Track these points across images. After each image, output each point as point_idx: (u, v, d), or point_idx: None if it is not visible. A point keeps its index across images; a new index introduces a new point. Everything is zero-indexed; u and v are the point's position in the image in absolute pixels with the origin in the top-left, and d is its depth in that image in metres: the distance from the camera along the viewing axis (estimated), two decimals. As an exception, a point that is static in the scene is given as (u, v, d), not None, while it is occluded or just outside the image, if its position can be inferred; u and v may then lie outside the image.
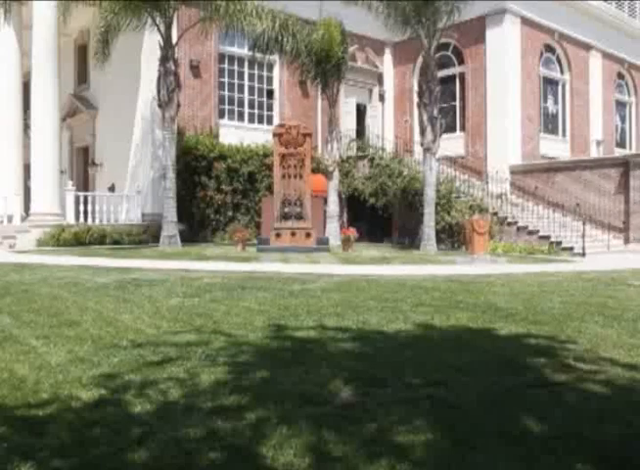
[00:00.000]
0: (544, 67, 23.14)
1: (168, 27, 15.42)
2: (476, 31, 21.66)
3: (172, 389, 3.55)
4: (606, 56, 25.37)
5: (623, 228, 18.18)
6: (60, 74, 17.32)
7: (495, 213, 18.19)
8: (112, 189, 19.44)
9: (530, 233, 17.56)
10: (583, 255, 15.64)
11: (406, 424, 3.03)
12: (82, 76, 22.26)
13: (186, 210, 17.48)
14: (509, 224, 18.03)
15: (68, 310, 6.14)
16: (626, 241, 18.14)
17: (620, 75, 27.15)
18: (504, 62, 21.24)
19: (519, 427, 3.07)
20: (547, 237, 17.09)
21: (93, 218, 17.01)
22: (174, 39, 15.89)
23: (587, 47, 24.46)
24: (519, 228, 17.84)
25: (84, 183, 21.47)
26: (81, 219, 16.81)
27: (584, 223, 16.28)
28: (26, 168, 18.17)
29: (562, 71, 23.97)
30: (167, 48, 15.45)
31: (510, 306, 6.63)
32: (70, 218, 16.61)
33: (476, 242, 14.16)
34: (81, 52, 22.11)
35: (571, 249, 16.31)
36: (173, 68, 15.52)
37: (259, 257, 13.05)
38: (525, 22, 21.75)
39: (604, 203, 18.43)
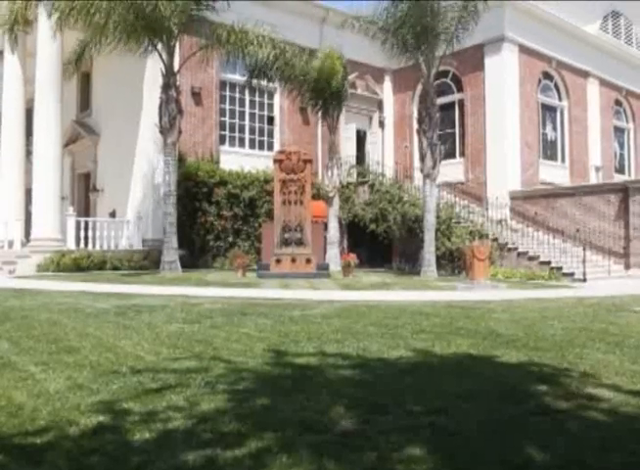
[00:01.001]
0: (542, 94, 23.35)
1: (170, 55, 15.60)
2: (474, 59, 21.90)
3: (172, 416, 3.53)
4: (603, 83, 25.62)
5: (624, 254, 18.17)
6: (62, 101, 17.47)
7: (495, 239, 18.19)
8: (112, 215, 19.48)
9: (531, 259, 17.55)
10: (584, 280, 15.60)
11: (407, 452, 3.01)
12: (85, 103, 22.48)
13: (186, 235, 17.50)
14: (509, 250, 18.02)
15: (68, 337, 6.11)
16: (627, 266, 18.12)
17: (618, 102, 27.38)
18: (503, 89, 21.44)
19: (521, 455, 3.04)
20: (548, 263, 17.07)
21: (94, 244, 17.03)
22: (176, 67, 16.06)
23: (585, 74, 24.71)
24: (519, 254, 17.83)
25: (85, 209, 21.53)
26: (82, 245, 16.82)
27: (585, 249, 16.28)
28: (28, 194, 18.26)
29: (560, 98, 24.18)
30: (169, 75, 15.61)
31: (511, 333, 6.60)
32: (71, 244, 16.63)
33: (476, 268, 14.11)
34: (84, 79, 22.33)
35: (572, 274, 16.28)
36: (175, 95, 15.66)
37: (260, 282, 13.03)
38: (523, 49, 22.00)
39: (604, 228, 18.45)
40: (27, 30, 18.73)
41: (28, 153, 19.14)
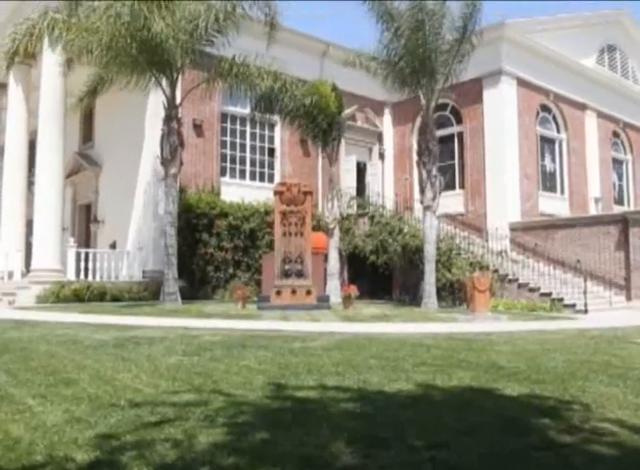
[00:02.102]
0: (541, 126, 23.57)
1: (173, 88, 15.78)
2: (473, 92, 22.16)
3: (170, 450, 3.48)
4: (601, 115, 25.88)
5: (625, 285, 18.14)
6: (65, 133, 17.64)
7: (496, 271, 18.16)
8: (113, 246, 19.50)
9: (532, 290, 17.50)
10: (585, 312, 15.54)
11: (409, 488, 2.96)
12: (87, 135, 22.70)
13: (187, 266, 17.49)
14: (510, 281, 17.98)
15: (66, 369, 6.07)
16: (628, 298, 18.06)
17: (616, 134, 27.62)
18: (501, 121, 21.65)
19: (524, 491, 2.99)
20: (548, 294, 17.01)
21: (94, 275, 17.01)
22: (178, 99, 16.24)
23: (582, 107, 24.98)
24: (520, 285, 17.79)
25: (86, 240, 21.56)
26: (82, 276, 16.81)
27: (585, 280, 16.25)
28: (29, 224, 18.31)
29: (558, 130, 24.40)
30: (171, 108, 15.76)
31: (512, 365, 6.55)
32: (71, 275, 16.61)
33: (477, 299, 14.07)
34: (87, 111, 22.57)
35: (573, 306, 16.21)
36: (177, 127, 15.80)
37: (260, 314, 12.97)
38: (521, 82, 22.28)
39: (604, 259, 18.44)
40: (32, 64, 19.03)
41: (30, 184, 19.27)
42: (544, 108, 23.76)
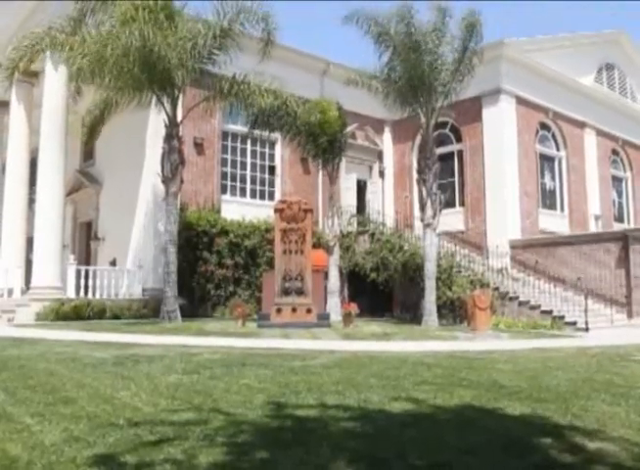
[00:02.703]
0: (540, 144, 23.67)
1: (174, 107, 15.88)
2: (472, 110, 22.28)
3: (169, 470, 3.45)
4: (600, 133, 26.00)
5: (626, 302, 18.09)
6: (66, 151, 17.70)
7: (496, 288, 18.13)
8: (113, 263, 19.48)
9: (532, 308, 17.46)
10: (587, 329, 15.48)
11: (410, 509, 2.93)
12: (88, 153, 22.77)
13: (187, 284, 17.46)
14: (510, 299, 17.94)
15: (65, 387, 6.03)
16: (630, 315, 18.01)
17: (615, 152, 27.73)
18: (501, 139, 21.74)
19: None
20: (549, 312, 16.96)
21: (94, 293, 16.98)
22: (179, 118, 16.33)
23: (581, 125, 25.10)
24: (520, 303, 17.75)
25: (86, 257, 21.55)
26: (82, 293, 16.76)
27: (586, 298, 16.21)
28: (29, 242, 18.31)
29: (558, 148, 24.50)
30: (172, 126, 15.85)
31: (514, 384, 6.51)
32: (71, 292, 16.57)
33: (477, 317, 14.04)
34: (88, 130, 22.63)
35: (575, 323, 16.16)
36: (177, 145, 15.88)
37: (260, 332, 12.92)
38: (520, 101, 22.42)
39: (605, 277, 18.41)
40: (34, 83, 19.17)
41: (31, 201, 19.30)
42: (543, 126, 23.88)
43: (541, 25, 63.35)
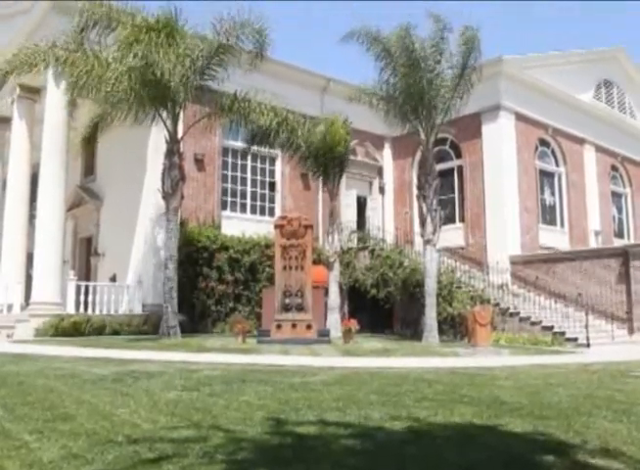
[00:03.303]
0: (540, 160, 23.75)
1: (175, 123, 15.95)
2: (472, 127, 22.37)
3: (168, 488, 3.42)
4: (599, 149, 26.09)
5: (627, 318, 18.05)
6: (67, 167, 17.74)
7: (497, 304, 18.10)
8: (113, 279, 19.46)
9: (533, 324, 17.41)
10: (588, 345, 15.43)
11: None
12: (89, 168, 22.85)
13: (187, 300, 17.43)
14: (511, 315, 17.90)
15: (64, 404, 6.00)
16: (631, 331, 17.96)
17: (614, 168, 27.82)
18: (500, 155, 21.82)
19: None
20: (550, 328, 16.92)
21: (93, 308, 16.94)
22: (180, 134, 16.40)
23: (581, 141, 25.20)
24: (521, 319, 17.70)
25: (86, 273, 21.52)
26: (82, 309, 16.73)
27: (587, 314, 16.18)
28: (29, 257, 18.30)
29: (557, 164, 24.58)
30: (173, 142, 15.91)
31: (515, 400, 6.47)
32: (71, 308, 16.54)
33: (478, 333, 14.01)
34: (89, 145, 22.74)
35: (576, 339, 16.11)
36: (178, 161, 15.92)
37: (260, 348, 12.88)
38: (520, 117, 22.53)
39: (605, 293, 18.38)
40: (36, 99, 19.27)
41: (32, 217, 19.32)
42: (543, 142, 23.97)
43: (540, 42, 63.82)
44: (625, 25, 60.99)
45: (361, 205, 25.03)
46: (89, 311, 16.79)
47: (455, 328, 17.82)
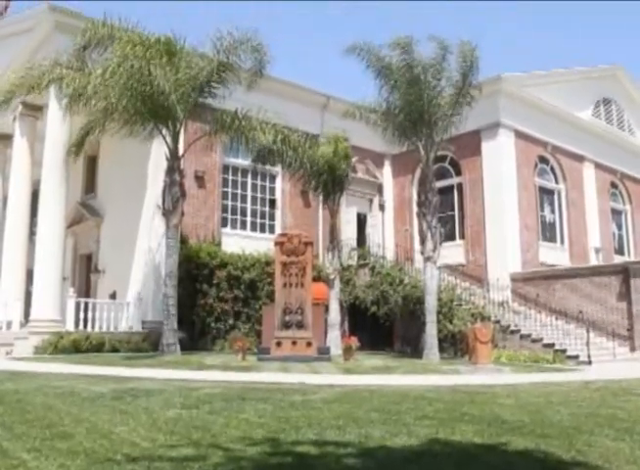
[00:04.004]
0: (539, 177, 23.81)
1: (175, 140, 16.02)
2: (472, 144, 22.47)
3: (166, 508, 3.39)
4: (599, 166, 26.18)
5: (628, 336, 17.98)
6: (68, 183, 17.79)
7: (498, 321, 18.05)
8: (113, 296, 19.42)
9: (534, 341, 17.35)
10: (589, 363, 15.37)
11: None
12: (90, 185, 22.90)
13: (186, 317, 17.38)
14: (512, 332, 17.85)
15: (62, 422, 5.96)
16: (632, 349, 17.89)
17: (614, 185, 27.89)
18: (500, 173, 21.88)
19: None
20: (551, 345, 16.86)
21: (93, 326, 16.89)
22: (180, 151, 16.46)
23: (580, 158, 25.29)
24: (522, 336, 17.64)
25: (86, 290, 21.49)
26: (81, 326, 16.68)
27: (588, 331, 16.14)
28: (29, 274, 18.28)
29: (557, 181, 24.64)
30: (173, 160, 15.96)
31: (516, 419, 6.43)
32: (70, 325, 16.49)
33: (479, 351, 13.94)
34: (90, 162, 22.85)
35: (577, 357, 16.05)
36: (179, 178, 15.96)
37: (260, 366, 12.82)
38: (519, 135, 22.63)
39: (606, 310, 18.35)
40: (37, 116, 19.37)
41: (32, 233, 19.33)
42: (542, 159, 24.06)
43: (538, 59, 64.33)
44: (625, 42, 61.50)
45: (361, 222, 25.06)
46: (88, 328, 16.75)
47: (456, 345, 17.75)
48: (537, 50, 63.29)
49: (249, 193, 21.66)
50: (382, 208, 25.62)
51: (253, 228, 21.59)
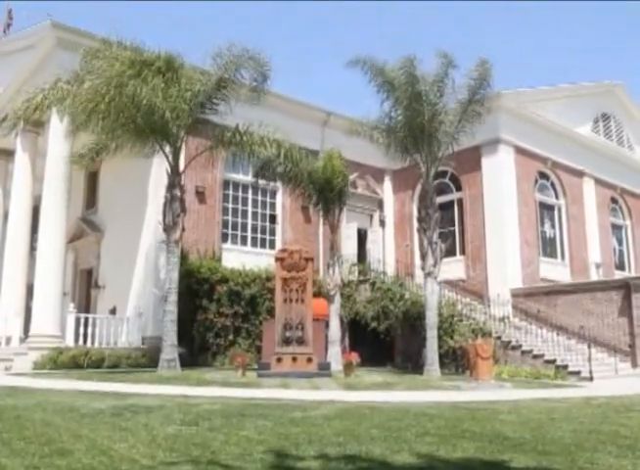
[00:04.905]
0: (539, 192, 23.85)
1: (176, 156, 16.08)
2: (472, 160, 22.52)
3: (166, 526, 3.36)
4: (598, 182, 26.23)
5: (630, 351, 17.90)
6: (69, 199, 17.82)
7: (499, 337, 17.98)
8: (113, 311, 19.38)
9: (536, 357, 17.27)
10: (591, 379, 15.30)
11: None
12: (91, 201, 22.95)
13: (186, 333, 17.33)
14: (513, 348, 17.77)
15: (61, 438, 5.93)
16: (634, 364, 17.81)
17: (614, 200, 27.92)
18: (500, 188, 21.92)
19: None
20: (553, 361, 16.78)
21: (92, 341, 16.84)
22: (181, 167, 16.51)
23: (580, 174, 25.34)
24: (523, 352, 17.56)
25: (86, 305, 21.45)
26: (81, 341, 16.64)
27: (590, 347, 16.07)
28: (29, 289, 18.26)
29: (557, 197, 24.68)
30: (174, 175, 16.01)
31: (518, 435, 6.40)
32: (70, 341, 16.44)
33: (480, 367, 13.89)
34: (91, 178, 22.91)
35: (578, 373, 15.97)
36: (179, 194, 15.99)
37: (260, 382, 12.76)
38: (519, 150, 22.70)
39: (607, 325, 18.29)
40: (39, 132, 19.46)
41: (32, 248, 19.34)
42: (542, 175, 24.11)
43: (537, 75, 64.73)
44: (624, 58, 61.91)
45: (362, 237, 25.06)
46: (88, 344, 16.70)
47: (457, 361, 17.68)
48: (536, 66, 63.71)
49: (249, 208, 21.69)
50: (382, 223, 25.64)
51: (254, 244, 21.59)
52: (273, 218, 22.29)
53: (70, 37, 17.22)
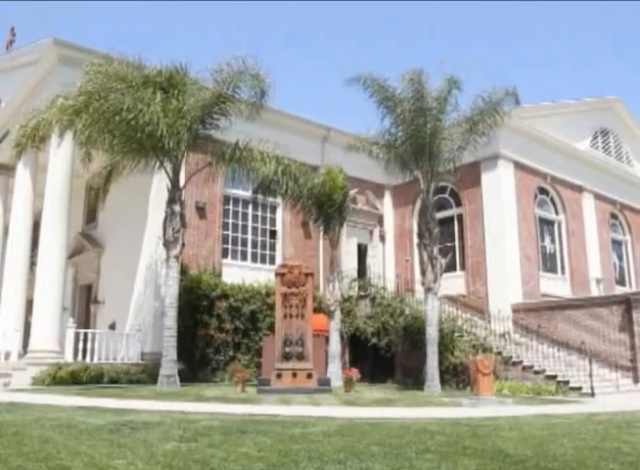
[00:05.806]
0: (539, 208, 23.89)
1: (176, 172, 16.12)
2: (471, 175, 22.58)
3: None
4: (598, 197, 26.28)
5: (632, 367, 17.83)
6: (69, 214, 17.83)
7: (499, 353, 17.91)
8: (112, 327, 19.34)
9: (537, 373, 17.19)
10: (592, 395, 15.22)
11: None
12: (91, 216, 23.00)
13: (186, 348, 17.27)
14: (514, 364, 17.70)
15: (59, 455, 5.89)
16: (636, 380, 17.73)
17: (614, 215, 27.96)
18: (500, 204, 21.95)
19: None
20: (554, 377, 16.70)
21: (92, 356, 16.77)
22: (182, 182, 16.54)
23: (579, 189, 25.40)
24: (524, 368, 17.49)
25: (85, 320, 21.41)
26: (80, 357, 16.56)
27: (591, 362, 16.00)
28: (29, 304, 18.22)
29: (557, 212, 24.71)
30: (175, 191, 16.04)
31: (520, 452, 6.35)
32: (69, 356, 16.37)
33: (481, 383, 13.80)
34: (92, 193, 22.93)
35: (580, 389, 15.89)
36: (180, 209, 16.01)
37: (260, 398, 12.70)
38: (518, 166, 22.76)
39: (609, 341, 18.23)
40: (40, 147, 19.52)
41: (32, 264, 19.32)
42: (542, 190, 24.17)
43: (536, 91, 65.05)
44: (623, 74, 62.25)
45: (362, 253, 25.06)
46: (87, 359, 16.62)
47: (457, 377, 17.60)
48: (535, 82, 64.07)
49: (249, 224, 21.71)
50: (382, 238, 25.65)
51: (254, 259, 21.58)
52: (273, 234, 22.30)
53: (72, 53, 17.33)
